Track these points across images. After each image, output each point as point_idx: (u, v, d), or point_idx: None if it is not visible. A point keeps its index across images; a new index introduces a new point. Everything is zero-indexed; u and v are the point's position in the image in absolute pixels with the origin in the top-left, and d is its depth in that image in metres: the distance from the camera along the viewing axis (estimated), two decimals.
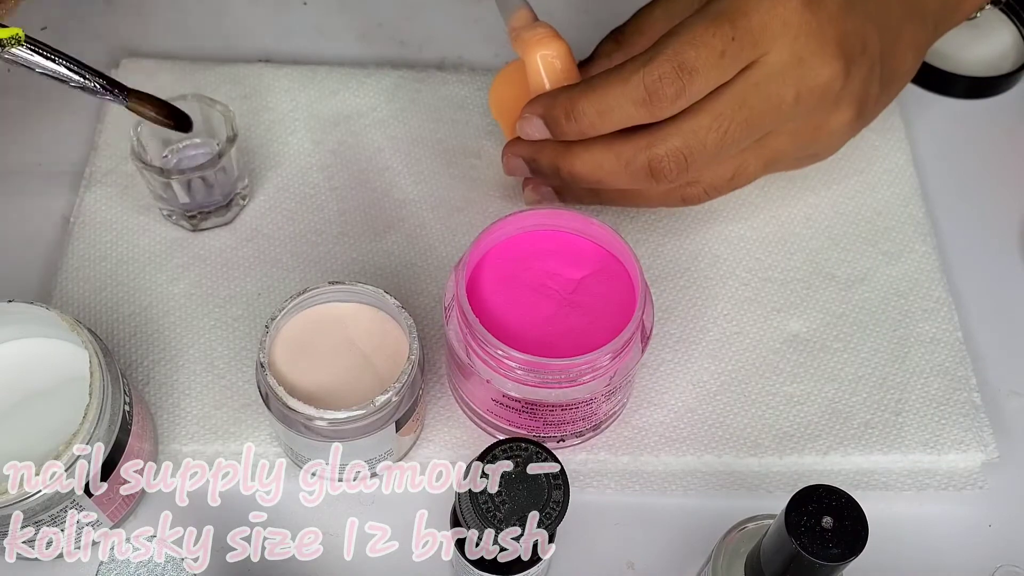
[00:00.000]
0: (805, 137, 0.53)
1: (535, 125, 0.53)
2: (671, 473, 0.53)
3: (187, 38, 0.68)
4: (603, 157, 0.51)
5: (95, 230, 0.58)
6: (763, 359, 0.56)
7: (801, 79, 0.49)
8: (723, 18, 0.48)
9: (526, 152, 0.55)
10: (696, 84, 0.48)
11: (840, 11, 0.49)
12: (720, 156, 0.50)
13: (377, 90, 0.65)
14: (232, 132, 0.56)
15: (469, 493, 0.40)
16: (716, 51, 0.47)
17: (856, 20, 0.50)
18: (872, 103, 0.53)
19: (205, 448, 0.52)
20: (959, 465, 0.53)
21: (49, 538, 0.46)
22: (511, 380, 0.47)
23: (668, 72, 0.48)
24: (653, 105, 0.48)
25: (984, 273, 0.60)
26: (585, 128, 0.51)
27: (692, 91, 0.48)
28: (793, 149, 0.53)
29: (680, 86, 0.48)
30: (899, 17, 0.53)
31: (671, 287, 0.58)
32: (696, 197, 0.54)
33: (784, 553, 0.38)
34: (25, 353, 0.48)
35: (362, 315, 0.50)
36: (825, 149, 0.55)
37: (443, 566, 0.50)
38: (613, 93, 0.49)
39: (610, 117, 0.50)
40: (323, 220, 0.59)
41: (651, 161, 0.50)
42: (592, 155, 0.52)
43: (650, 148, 0.50)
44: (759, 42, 0.48)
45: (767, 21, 0.48)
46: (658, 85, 0.48)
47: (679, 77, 0.47)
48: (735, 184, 0.53)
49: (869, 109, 0.53)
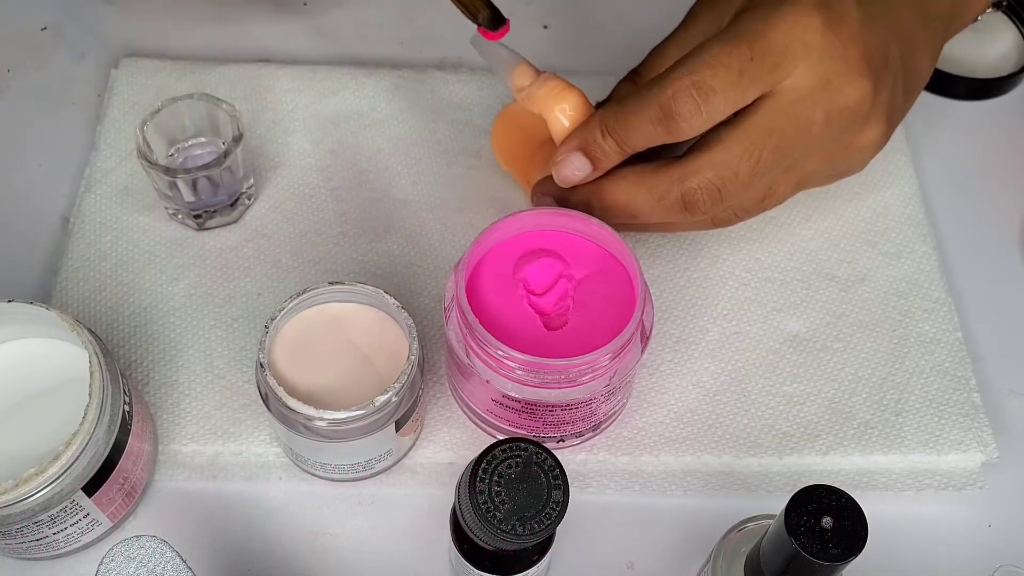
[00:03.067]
0: (836, 157, 0.52)
1: (575, 161, 0.51)
2: (671, 473, 0.53)
3: (187, 38, 0.68)
4: (635, 192, 0.51)
5: (95, 230, 0.58)
6: (763, 359, 0.56)
7: (830, 101, 0.48)
8: (740, 39, 0.47)
9: (556, 191, 0.54)
10: (713, 103, 0.47)
11: (860, 28, 0.48)
12: (753, 184, 0.50)
13: (377, 90, 0.65)
14: (238, 132, 0.56)
15: (469, 493, 0.40)
16: (734, 71, 0.47)
17: (876, 34, 0.49)
18: (898, 114, 0.53)
19: (205, 448, 0.52)
20: (959, 465, 0.53)
21: (49, 538, 0.46)
22: (511, 380, 0.47)
23: (683, 89, 0.47)
24: (669, 123, 0.48)
25: (984, 273, 0.60)
26: (620, 143, 0.50)
27: (710, 110, 0.47)
28: (824, 169, 0.53)
29: (695, 104, 0.47)
30: (913, 24, 0.52)
31: (671, 287, 0.58)
32: (726, 221, 0.53)
33: (784, 553, 0.38)
34: (25, 353, 0.48)
35: (362, 315, 0.50)
36: (855, 166, 0.54)
37: (443, 566, 0.50)
38: (633, 111, 0.49)
39: (632, 136, 0.49)
40: (323, 220, 0.60)
41: (684, 195, 0.49)
42: (624, 191, 0.51)
43: (683, 182, 0.49)
44: (780, 64, 0.47)
45: (787, 43, 0.47)
46: (672, 103, 0.47)
47: (694, 96, 0.47)
48: (765, 206, 0.53)
49: (896, 120, 0.53)
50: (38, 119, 0.65)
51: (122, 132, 0.62)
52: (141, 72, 0.64)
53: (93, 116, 0.64)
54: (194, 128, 0.58)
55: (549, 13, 0.70)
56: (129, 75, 0.64)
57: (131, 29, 0.69)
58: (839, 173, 0.55)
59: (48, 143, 0.63)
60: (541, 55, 0.57)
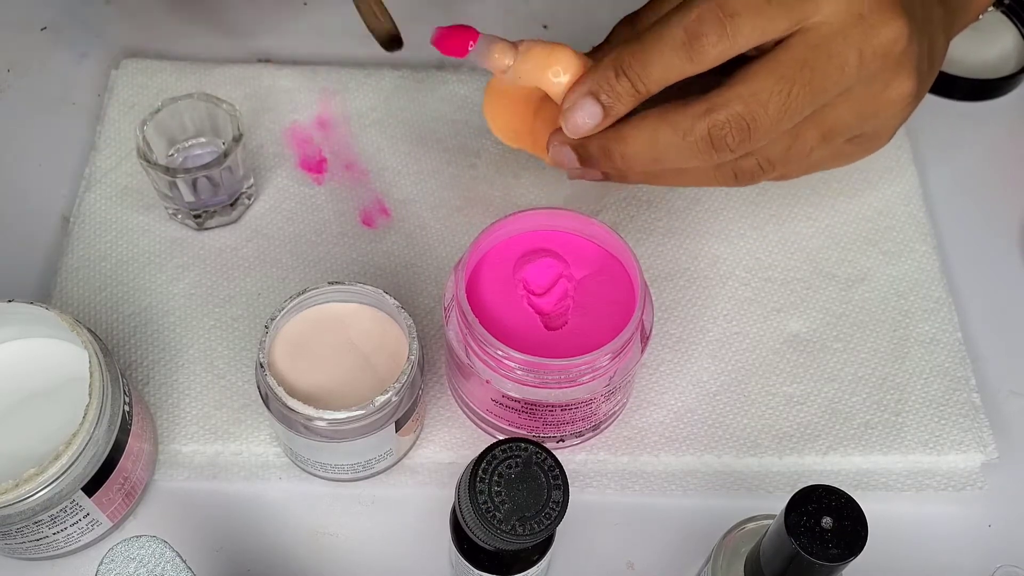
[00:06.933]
0: (865, 107, 0.49)
1: (586, 107, 0.48)
2: (671, 473, 0.53)
3: (187, 38, 0.68)
4: (657, 130, 0.47)
5: (95, 230, 0.58)
6: (763, 359, 0.56)
7: (864, 38, 0.46)
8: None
9: (573, 140, 0.50)
10: (739, 25, 0.45)
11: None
12: (782, 124, 0.47)
13: (377, 90, 0.65)
14: (238, 131, 0.56)
15: (469, 493, 0.40)
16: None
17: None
18: (925, 80, 0.50)
19: (205, 448, 0.52)
20: (959, 465, 0.53)
21: (49, 538, 0.46)
22: (511, 380, 0.47)
23: (708, 11, 0.45)
24: (693, 46, 0.45)
25: (984, 273, 0.60)
26: (635, 82, 0.47)
27: (735, 33, 0.45)
28: (852, 120, 0.50)
29: (720, 26, 0.45)
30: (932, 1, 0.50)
31: (671, 287, 0.58)
32: (750, 172, 0.50)
33: (784, 553, 0.38)
34: (25, 353, 0.49)
35: (362, 315, 0.50)
36: (883, 126, 0.51)
37: (443, 566, 0.50)
38: (652, 40, 0.46)
39: (652, 69, 0.46)
40: (323, 220, 0.60)
41: (712, 129, 0.46)
42: (645, 130, 0.48)
43: (709, 114, 0.46)
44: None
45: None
46: (696, 25, 0.45)
47: (720, 16, 0.45)
48: (790, 158, 0.50)
49: (923, 86, 0.50)
50: (38, 119, 0.65)
51: (122, 132, 0.62)
52: (141, 72, 0.64)
53: (93, 116, 0.64)
54: (194, 128, 0.58)
55: (549, 13, 0.70)
56: (129, 75, 0.64)
57: (131, 29, 0.69)
58: (866, 135, 0.52)
59: (48, 143, 0.63)
60: None
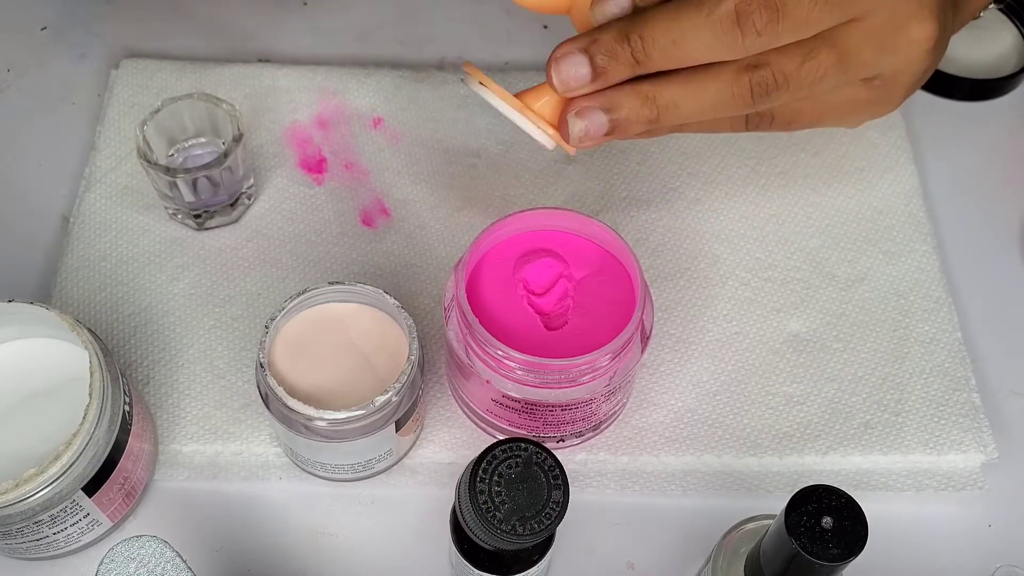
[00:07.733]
0: (884, 40, 0.48)
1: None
2: (671, 473, 0.53)
3: (187, 38, 0.68)
4: (681, 8, 0.45)
5: (95, 230, 0.58)
6: (763, 359, 0.56)
7: None
8: None
9: (582, 41, 0.47)
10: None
11: None
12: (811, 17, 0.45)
13: (377, 90, 0.65)
14: (238, 131, 0.56)
15: (469, 493, 0.40)
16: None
17: None
18: (945, 37, 0.49)
19: (205, 448, 0.52)
20: (959, 465, 0.53)
21: (49, 538, 0.46)
22: (511, 380, 0.47)
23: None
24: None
25: (984, 273, 0.60)
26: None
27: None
28: (868, 51, 0.48)
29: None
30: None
31: (671, 287, 0.58)
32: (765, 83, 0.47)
33: (784, 553, 0.38)
34: (25, 353, 0.49)
35: (362, 315, 0.50)
36: (900, 71, 0.49)
37: (443, 566, 0.50)
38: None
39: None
40: (323, 220, 0.60)
41: (738, 5, 0.44)
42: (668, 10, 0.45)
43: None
44: None
45: None
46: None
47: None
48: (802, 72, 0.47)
49: (941, 43, 0.49)
50: (38, 119, 0.65)
51: (122, 132, 0.62)
52: (141, 72, 0.64)
53: (93, 116, 0.64)
54: (194, 128, 0.58)
55: None
56: (129, 75, 0.64)
57: (131, 29, 0.69)
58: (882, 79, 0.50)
59: (48, 143, 0.63)
60: (541, 55, 0.56)
